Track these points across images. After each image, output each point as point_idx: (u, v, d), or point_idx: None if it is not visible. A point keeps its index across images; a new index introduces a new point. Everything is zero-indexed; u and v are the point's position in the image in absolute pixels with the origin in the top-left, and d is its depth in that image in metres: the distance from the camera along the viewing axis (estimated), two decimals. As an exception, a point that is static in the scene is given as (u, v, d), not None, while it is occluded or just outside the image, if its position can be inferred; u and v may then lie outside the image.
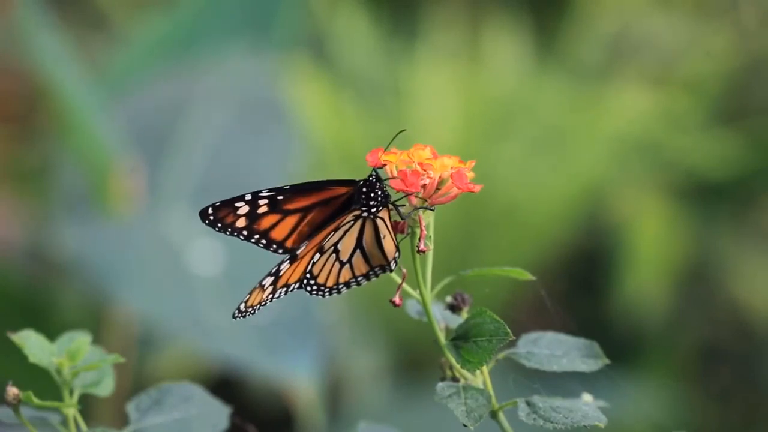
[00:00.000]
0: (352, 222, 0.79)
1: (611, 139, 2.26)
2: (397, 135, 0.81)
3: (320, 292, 0.80)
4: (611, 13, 2.49)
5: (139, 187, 1.79)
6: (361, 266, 0.79)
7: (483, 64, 2.35)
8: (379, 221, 0.78)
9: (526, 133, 2.25)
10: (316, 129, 2.13)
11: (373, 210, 0.78)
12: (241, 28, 2.03)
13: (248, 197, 0.80)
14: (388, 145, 0.79)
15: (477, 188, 0.77)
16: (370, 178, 0.78)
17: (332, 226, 0.79)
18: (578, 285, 2.37)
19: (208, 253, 1.71)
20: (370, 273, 0.80)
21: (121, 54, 2.06)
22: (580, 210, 2.25)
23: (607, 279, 2.29)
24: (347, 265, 0.79)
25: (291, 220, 0.80)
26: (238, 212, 0.81)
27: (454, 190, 0.77)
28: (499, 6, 2.50)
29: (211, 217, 0.81)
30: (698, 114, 2.37)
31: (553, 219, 2.23)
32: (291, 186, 0.80)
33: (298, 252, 0.80)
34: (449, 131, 2.18)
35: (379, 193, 0.78)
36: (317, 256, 0.79)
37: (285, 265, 0.80)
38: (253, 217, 0.81)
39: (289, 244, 0.81)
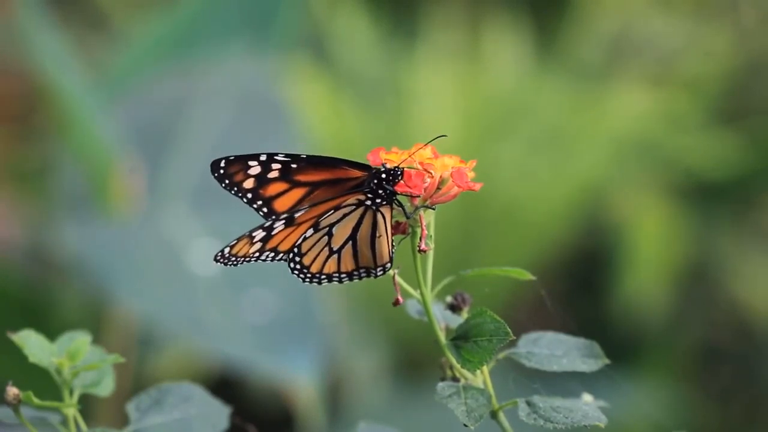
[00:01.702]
0: (354, 207, 0.77)
1: (611, 139, 2.26)
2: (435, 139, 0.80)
3: (302, 274, 0.78)
4: (611, 13, 2.49)
5: (139, 187, 1.79)
6: (348, 262, 0.78)
7: (483, 64, 2.35)
8: (379, 217, 0.77)
9: (526, 133, 2.25)
10: (316, 129, 2.13)
11: (378, 201, 0.77)
12: (240, 28, 2.03)
13: (263, 157, 0.79)
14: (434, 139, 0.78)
15: (477, 186, 0.77)
16: (394, 170, 0.77)
17: (335, 202, 0.77)
18: (578, 285, 2.37)
19: (208, 253, 1.71)
20: (354, 273, 0.78)
21: (121, 54, 2.06)
22: (580, 210, 2.25)
23: (607, 279, 2.29)
24: (335, 255, 0.77)
25: (297, 193, 0.79)
26: (249, 171, 0.79)
27: (455, 189, 0.77)
28: (499, 6, 2.50)
29: (222, 171, 0.79)
30: (698, 114, 2.37)
31: (553, 219, 2.23)
32: (307, 156, 0.78)
33: (296, 215, 0.78)
34: (449, 131, 2.18)
35: (389, 188, 0.77)
36: (310, 231, 0.77)
37: (279, 225, 0.78)
38: (262, 180, 0.79)
39: None
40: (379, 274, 0.78)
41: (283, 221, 0.77)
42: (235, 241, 0.79)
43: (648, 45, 2.49)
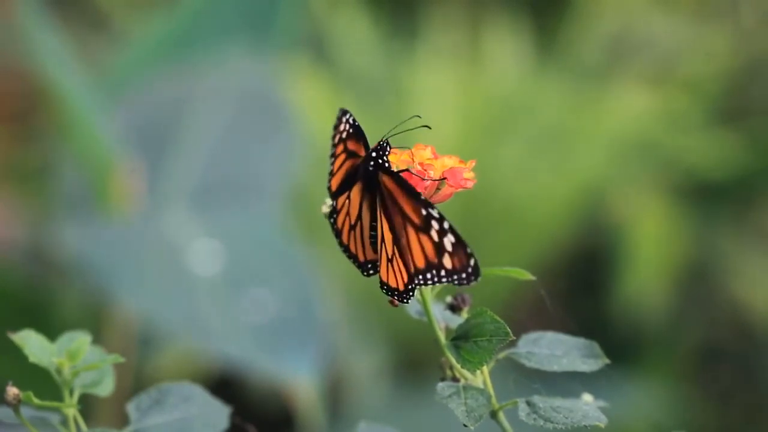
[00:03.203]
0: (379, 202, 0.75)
1: (611, 139, 2.26)
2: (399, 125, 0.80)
3: (398, 297, 0.73)
4: (611, 13, 2.49)
5: (139, 187, 1.80)
6: (418, 257, 0.73)
7: (483, 64, 2.35)
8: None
9: (526, 133, 2.25)
10: (316, 129, 2.13)
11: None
12: (241, 28, 2.03)
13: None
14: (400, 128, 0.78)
15: (470, 184, 0.76)
16: (381, 143, 0.76)
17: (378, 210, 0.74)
18: (578, 285, 2.37)
19: (208, 253, 1.71)
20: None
21: (121, 54, 2.06)
22: (580, 210, 2.25)
23: (608, 279, 2.29)
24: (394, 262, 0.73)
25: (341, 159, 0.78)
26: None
27: (448, 189, 0.76)
28: (499, 6, 2.50)
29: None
30: (698, 114, 2.38)
31: (553, 219, 2.23)
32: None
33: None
34: (449, 131, 2.18)
35: (386, 160, 0.76)
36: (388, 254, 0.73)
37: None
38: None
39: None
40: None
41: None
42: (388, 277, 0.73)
43: (648, 45, 2.49)
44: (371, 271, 0.76)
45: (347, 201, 0.76)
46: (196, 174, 1.82)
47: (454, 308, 0.79)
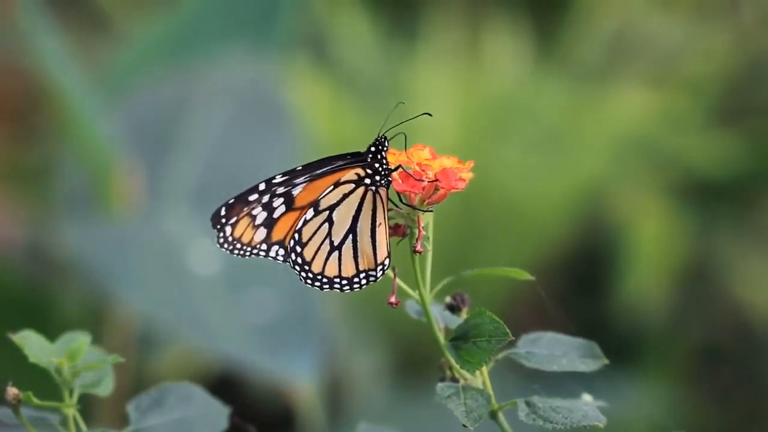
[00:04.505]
0: (354, 186, 0.76)
1: (611, 139, 2.26)
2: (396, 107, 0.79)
3: (303, 272, 0.76)
4: (611, 13, 2.49)
5: (139, 187, 1.80)
6: (348, 264, 0.76)
7: (483, 65, 2.35)
8: (378, 201, 0.76)
9: (526, 133, 2.25)
10: (316, 129, 2.13)
11: (377, 178, 0.75)
12: (241, 28, 2.04)
13: (262, 186, 0.76)
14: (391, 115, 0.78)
15: (462, 185, 0.75)
16: (380, 139, 0.76)
17: (334, 177, 0.76)
18: (578, 284, 2.37)
19: (208, 252, 1.71)
20: (355, 280, 0.76)
21: (121, 55, 2.06)
22: (580, 209, 2.25)
23: (607, 278, 2.29)
24: (336, 253, 0.76)
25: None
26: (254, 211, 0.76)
27: (442, 190, 0.76)
28: (499, 6, 2.50)
29: (223, 220, 0.75)
30: (698, 114, 2.37)
31: (552, 219, 2.23)
32: (302, 167, 0.76)
33: (294, 193, 0.75)
34: (449, 131, 2.18)
35: (385, 162, 0.76)
36: (311, 213, 0.76)
37: (280, 206, 0.75)
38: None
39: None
40: (379, 275, 0.76)
41: (282, 199, 0.75)
42: (234, 219, 0.75)
43: (648, 45, 2.49)
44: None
45: None
46: (196, 174, 1.82)
47: (453, 308, 0.80)
